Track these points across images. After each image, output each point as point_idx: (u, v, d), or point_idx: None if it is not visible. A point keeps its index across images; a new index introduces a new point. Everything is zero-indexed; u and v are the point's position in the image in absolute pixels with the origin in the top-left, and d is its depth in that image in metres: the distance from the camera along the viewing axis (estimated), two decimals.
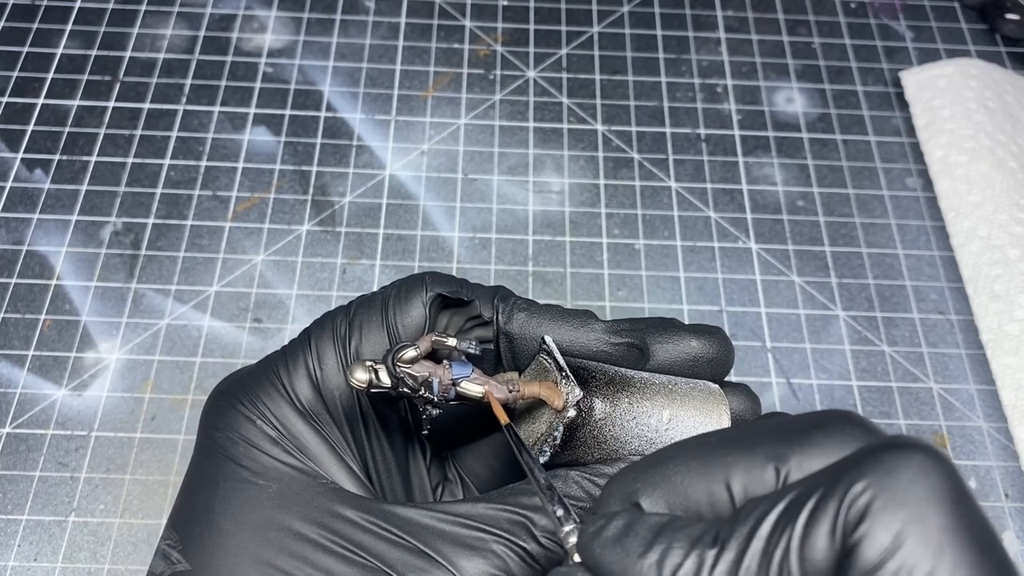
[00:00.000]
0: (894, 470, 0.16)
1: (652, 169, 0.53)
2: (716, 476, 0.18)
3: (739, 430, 0.19)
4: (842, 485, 0.16)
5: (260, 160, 0.52)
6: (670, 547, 0.17)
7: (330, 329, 0.28)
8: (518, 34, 0.58)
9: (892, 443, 0.16)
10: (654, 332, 0.30)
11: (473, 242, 0.49)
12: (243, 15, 0.58)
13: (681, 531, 0.17)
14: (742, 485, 0.18)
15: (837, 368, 0.46)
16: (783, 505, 0.17)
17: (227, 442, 0.26)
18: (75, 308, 0.46)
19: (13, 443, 0.42)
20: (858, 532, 0.15)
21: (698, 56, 0.57)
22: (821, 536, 0.16)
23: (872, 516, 0.15)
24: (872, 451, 0.16)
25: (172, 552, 0.25)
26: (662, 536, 0.18)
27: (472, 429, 0.32)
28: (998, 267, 0.47)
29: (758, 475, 0.18)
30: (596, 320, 0.29)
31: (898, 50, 0.58)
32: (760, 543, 0.16)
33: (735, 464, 0.18)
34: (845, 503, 0.16)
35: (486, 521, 0.24)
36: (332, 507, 0.25)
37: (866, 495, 0.16)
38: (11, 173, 0.51)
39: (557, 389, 0.26)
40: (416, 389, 0.25)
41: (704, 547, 0.17)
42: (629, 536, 0.18)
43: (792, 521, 0.16)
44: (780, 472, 0.18)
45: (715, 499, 0.18)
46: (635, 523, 0.18)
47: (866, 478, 0.16)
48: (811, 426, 0.18)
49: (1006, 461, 0.44)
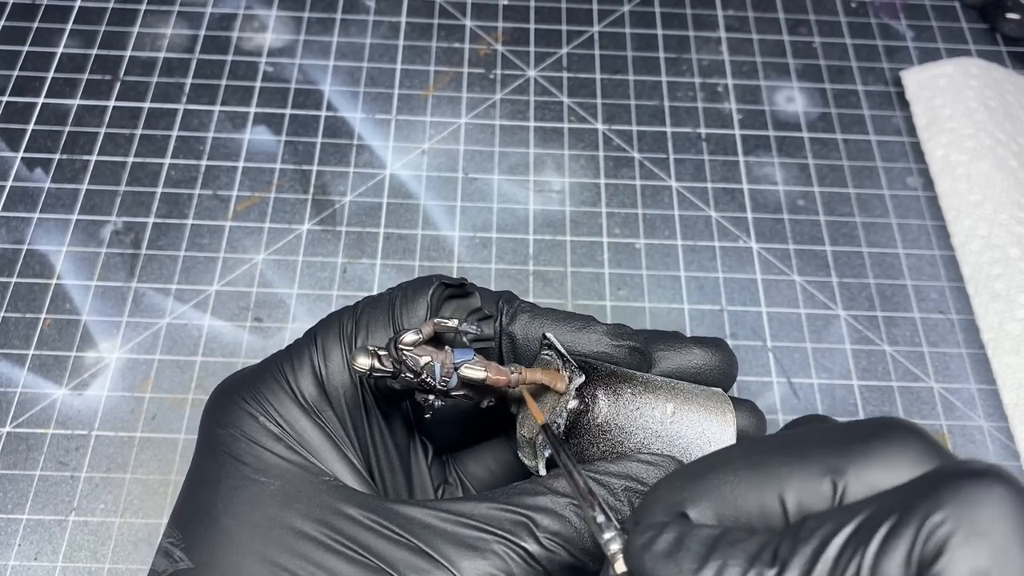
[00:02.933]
0: (976, 502, 0.15)
1: (653, 168, 0.53)
2: (769, 487, 0.17)
3: (790, 439, 0.18)
4: (919, 513, 0.15)
5: (260, 159, 0.52)
6: (726, 564, 0.17)
7: (336, 327, 0.28)
8: (518, 33, 0.58)
9: (971, 471, 0.16)
10: (657, 341, 0.30)
11: (473, 241, 0.49)
12: (243, 14, 0.58)
13: (737, 546, 0.17)
14: (796, 498, 0.17)
15: (838, 367, 0.46)
16: (852, 528, 0.16)
17: (229, 439, 0.26)
18: (75, 307, 0.46)
19: (13, 442, 0.42)
20: (937, 565, 0.15)
21: (699, 55, 0.57)
22: (895, 565, 0.15)
23: (952, 550, 0.15)
24: (950, 478, 0.16)
25: (174, 550, 0.25)
26: (717, 552, 0.17)
27: (472, 432, 0.32)
28: (999, 266, 0.47)
29: (814, 487, 0.17)
30: (598, 323, 0.29)
31: (899, 49, 0.58)
32: (826, 566, 0.16)
33: (790, 475, 0.17)
34: (923, 533, 0.15)
35: (488, 521, 0.24)
36: (335, 505, 0.25)
37: (946, 526, 0.15)
38: (11, 172, 0.50)
39: (560, 374, 0.26)
40: (418, 373, 0.25)
41: (763, 565, 0.16)
42: (681, 551, 0.17)
43: (863, 546, 0.15)
44: (837, 485, 0.17)
45: (767, 511, 0.17)
46: (687, 537, 0.17)
47: (945, 508, 0.15)
48: (867, 435, 0.17)
49: (1007, 460, 0.44)
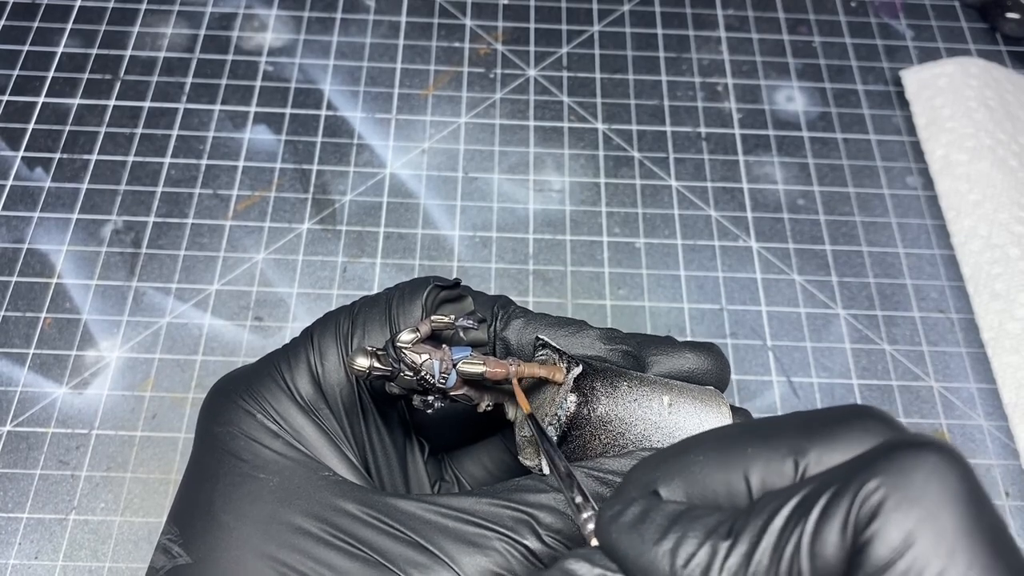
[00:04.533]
0: (908, 469, 0.15)
1: (652, 168, 0.53)
2: (735, 467, 0.18)
3: (760, 423, 0.19)
4: (855, 482, 0.16)
5: (261, 159, 0.52)
6: (685, 535, 0.17)
7: (333, 326, 0.28)
8: (518, 33, 0.58)
9: (908, 442, 0.16)
10: (650, 345, 0.30)
11: (474, 240, 0.49)
12: (243, 14, 0.58)
13: (697, 521, 0.17)
14: (760, 477, 0.18)
15: (838, 366, 0.46)
16: (796, 500, 0.16)
17: (227, 437, 0.26)
18: (76, 306, 0.46)
19: (14, 441, 0.42)
20: (869, 530, 0.15)
21: (698, 55, 0.57)
22: (832, 533, 0.16)
23: (884, 514, 0.15)
24: (887, 449, 0.16)
25: (173, 546, 0.25)
26: (678, 524, 0.18)
27: (468, 434, 0.32)
28: (999, 266, 0.47)
29: (777, 467, 0.18)
30: (591, 327, 0.29)
31: (898, 49, 0.58)
32: (772, 538, 0.16)
33: (755, 456, 0.18)
34: (857, 500, 0.15)
35: (489, 518, 0.24)
36: (334, 501, 0.25)
37: (879, 493, 0.15)
38: (11, 172, 0.51)
39: (557, 366, 0.26)
40: (417, 371, 0.25)
41: (719, 538, 0.17)
42: (645, 523, 0.18)
43: (804, 517, 0.16)
44: (799, 465, 0.18)
45: (733, 490, 0.18)
46: (652, 510, 0.18)
47: (879, 476, 0.16)
48: (832, 421, 0.18)
49: (1007, 460, 0.44)
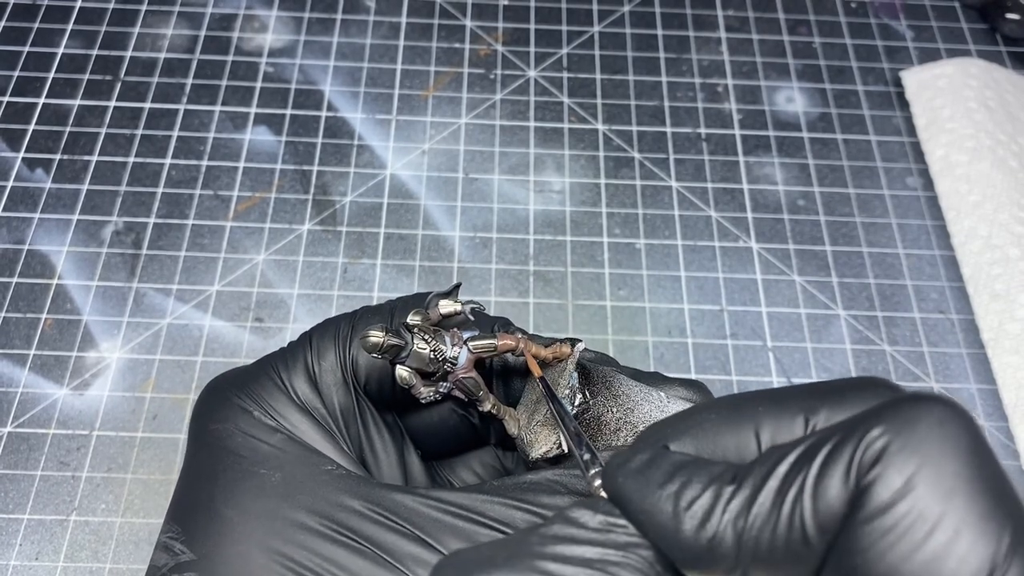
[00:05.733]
0: (913, 419, 0.16)
1: (653, 168, 0.53)
2: (746, 425, 0.18)
3: (773, 390, 0.20)
4: (860, 430, 0.16)
5: (261, 160, 0.52)
6: (690, 480, 0.17)
7: (332, 331, 0.28)
8: (519, 34, 0.58)
9: (914, 396, 0.17)
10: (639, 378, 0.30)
11: (474, 241, 0.49)
12: (244, 15, 0.58)
13: (703, 468, 0.18)
14: (771, 434, 0.18)
15: (838, 367, 0.46)
16: (802, 448, 0.17)
17: (225, 434, 0.26)
18: (76, 307, 0.46)
19: (14, 442, 0.42)
20: (871, 474, 0.15)
21: (699, 56, 0.57)
22: (835, 477, 0.16)
23: (886, 459, 0.15)
24: (893, 402, 0.17)
25: (174, 544, 0.25)
26: (683, 471, 0.18)
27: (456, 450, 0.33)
28: (999, 266, 0.47)
29: (787, 425, 0.18)
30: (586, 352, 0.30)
31: (898, 50, 0.58)
32: (776, 482, 0.17)
33: (766, 414, 0.18)
34: (862, 446, 0.16)
35: (502, 519, 0.24)
36: (337, 497, 0.25)
37: (882, 440, 0.16)
38: (12, 172, 0.51)
39: (562, 345, 0.28)
40: (428, 342, 0.26)
41: (723, 483, 0.17)
42: (651, 468, 0.18)
43: (809, 462, 0.16)
44: (809, 423, 0.18)
45: (742, 446, 0.18)
46: (659, 458, 0.19)
47: (883, 424, 0.16)
48: (843, 386, 0.18)
49: (1007, 460, 0.44)
